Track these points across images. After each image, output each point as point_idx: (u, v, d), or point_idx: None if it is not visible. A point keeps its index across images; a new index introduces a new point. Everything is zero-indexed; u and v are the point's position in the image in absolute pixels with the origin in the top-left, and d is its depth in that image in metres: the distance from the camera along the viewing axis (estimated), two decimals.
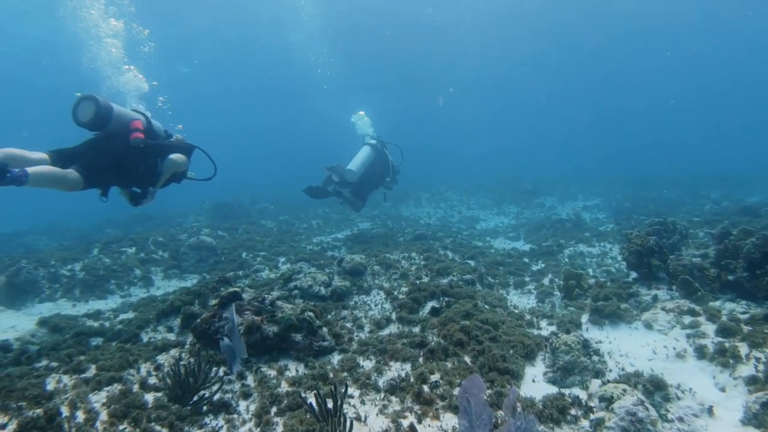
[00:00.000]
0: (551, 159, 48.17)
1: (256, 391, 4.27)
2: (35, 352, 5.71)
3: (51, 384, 4.62)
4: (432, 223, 18.03)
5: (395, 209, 20.82)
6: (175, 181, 6.91)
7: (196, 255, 10.65)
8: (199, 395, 4.00)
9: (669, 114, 57.32)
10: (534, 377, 4.70)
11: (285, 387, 4.35)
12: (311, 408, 3.38)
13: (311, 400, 3.70)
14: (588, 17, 31.76)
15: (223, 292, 5.36)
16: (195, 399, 3.98)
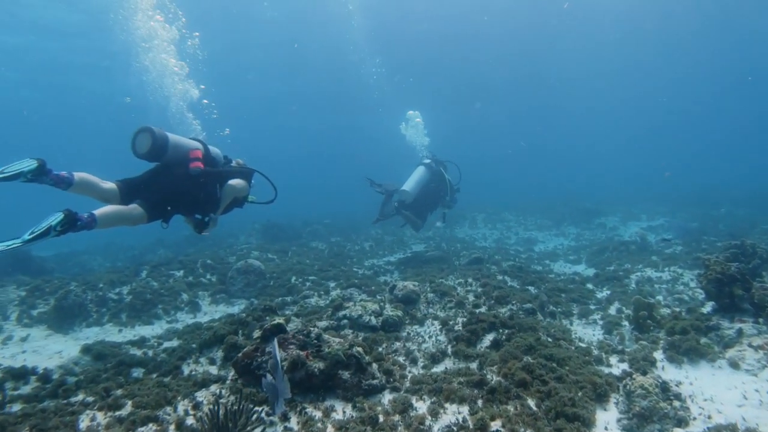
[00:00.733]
0: (609, 175, 46.66)
1: None
2: (73, 383, 5.67)
3: (84, 422, 4.49)
4: (488, 246, 17.52)
5: (450, 231, 20.43)
6: (237, 206, 7.04)
7: (243, 279, 10.58)
8: None
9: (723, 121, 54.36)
10: (607, 424, 4.22)
11: (331, 431, 4.06)
12: None
13: None
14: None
15: (267, 324, 5.15)
16: None
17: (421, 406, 4.48)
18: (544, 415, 4.14)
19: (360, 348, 4.92)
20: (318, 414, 4.32)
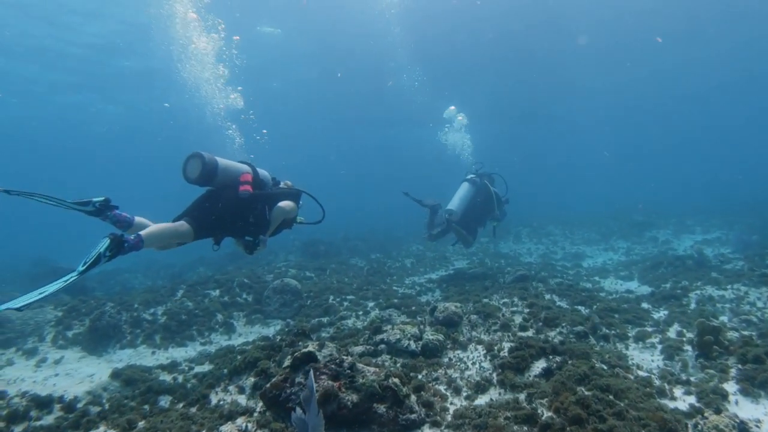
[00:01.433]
0: (660, 187, 44.97)
1: None
2: (96, 414, 5.52)
3: None
4: (533, 261, 16.89)
5: (494, 246, 19.87)
6: (287, 227, 7.10)
7: (279, 299, 10.37)
8: None
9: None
10: None
11: None
12: None
13: None
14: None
15: (297, 352, 4.84)
16: None
17: None
18: None
19: (397, 379, 4.56)
20: None
